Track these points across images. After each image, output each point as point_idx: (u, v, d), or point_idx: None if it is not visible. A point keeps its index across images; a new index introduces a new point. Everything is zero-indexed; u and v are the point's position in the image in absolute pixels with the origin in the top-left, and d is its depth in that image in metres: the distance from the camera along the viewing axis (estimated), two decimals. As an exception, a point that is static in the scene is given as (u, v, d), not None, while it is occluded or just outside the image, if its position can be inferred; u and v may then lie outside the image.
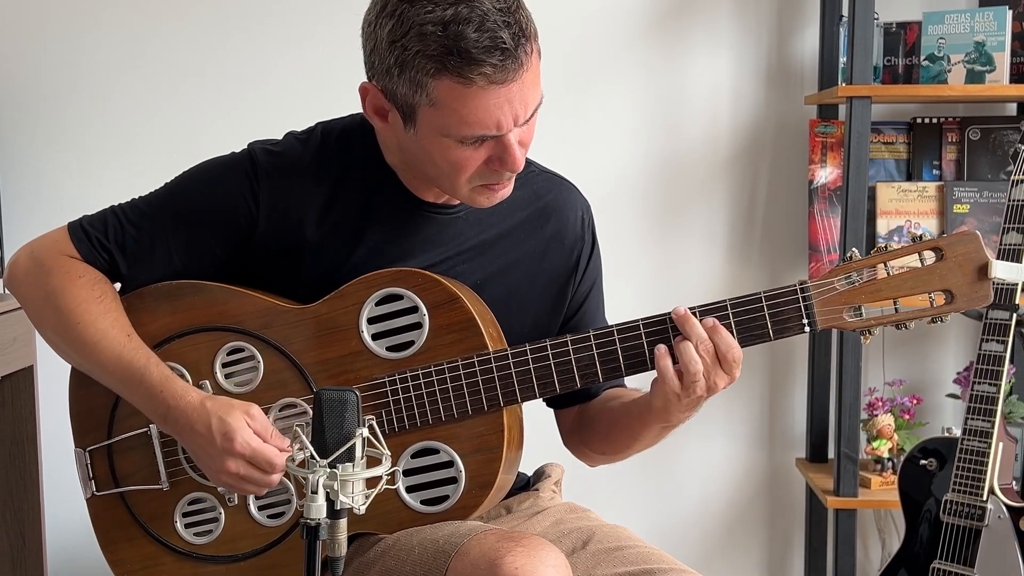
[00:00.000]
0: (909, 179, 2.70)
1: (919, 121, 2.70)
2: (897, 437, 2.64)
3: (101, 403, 1.65)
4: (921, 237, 1.47)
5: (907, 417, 2.68)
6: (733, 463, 2.87)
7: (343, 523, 1.15)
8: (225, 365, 1.61)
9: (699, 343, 1.46)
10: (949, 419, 2.80)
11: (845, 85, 2.50)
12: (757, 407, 2.86)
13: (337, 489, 1.14)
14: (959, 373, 2.69)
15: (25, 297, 1.65)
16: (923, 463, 2.30)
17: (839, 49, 2.66)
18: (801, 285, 1.48)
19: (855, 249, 1.50)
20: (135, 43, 2.75)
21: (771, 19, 2.78)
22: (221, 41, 2.75)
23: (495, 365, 1.52)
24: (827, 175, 2.67)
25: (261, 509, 1.61)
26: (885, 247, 1.47)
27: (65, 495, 2.68)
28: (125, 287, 1.65)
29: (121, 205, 1.64)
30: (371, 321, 1.56)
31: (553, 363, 1.52)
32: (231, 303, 1.60)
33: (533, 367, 1.52)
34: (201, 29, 2.75)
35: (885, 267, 1.46)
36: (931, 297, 1.47)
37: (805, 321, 1.47)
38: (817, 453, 2.77)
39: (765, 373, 2.85)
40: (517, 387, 1.52)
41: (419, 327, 1.54)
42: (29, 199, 2.75)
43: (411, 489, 1.55)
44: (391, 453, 1.50)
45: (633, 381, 1.65)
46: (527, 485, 1.78)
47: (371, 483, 1.17)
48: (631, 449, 1.64)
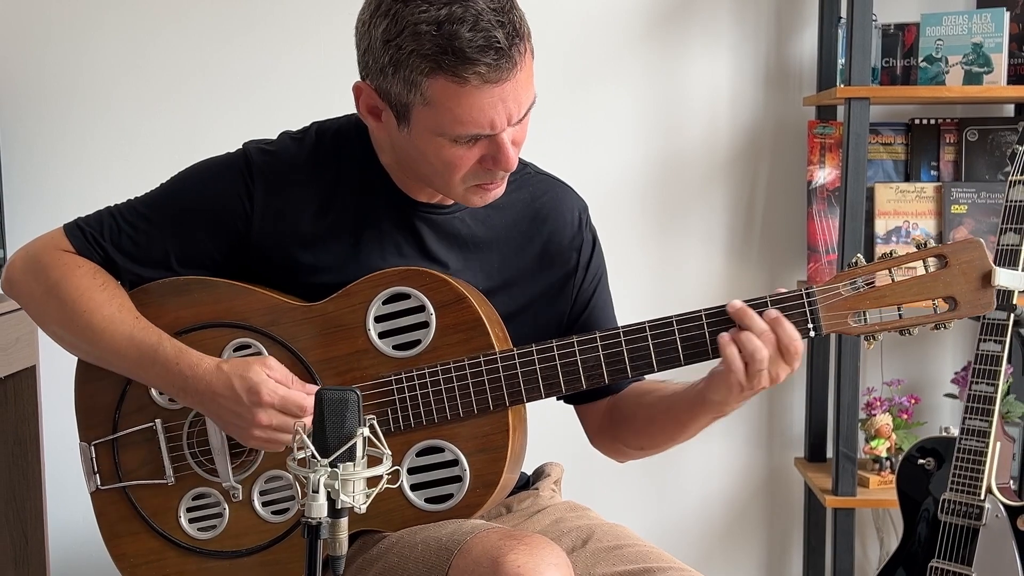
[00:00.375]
0: (907, 180, 2.70)
1: (917, 122, 2.70)
2: (895, 437, 2.64)
3: (106, 398, 1.66)
4: (925, 244, 1.47)
5: (905, 417, 2.68)
6: (732, 462, 2.87)
7: (344, 522, 1.15)
8: None
9: (761, 334, 1.45)
10: (947, 419, 2.81)
11: (843, 86, 2.50)
12: (756, 407, 2.86)
13: (338, 488, 1.13)
14: (957, 373, 2.70)
15: (25, 295, 1.64)
16: (921, 462, 2.30)
17: (837, 50, 2.66)
18: (807, 290, 1.47)
19: (859, 255, 1.51)
20: (136, 44, 2.75)
21: (770, 20, 2.78)
22: (221, 42, 2.75)
23: (501, 365, 1.52)
24: (825, 176, 2.68)
25: (265, 505, 1.61)
26: (890, 254, 1.48)
27: (68, 495, 2.69)
28: (124, 286, 1.64)
29: (117, 205, 1.64)
30: (378, 320, 1.56)
31: (559, 363, 1.53)
32: (238, 300, 1.60)
33: (539, 367, 1.53)
34: (202, 31, 2.75)
35: (889, 273, 1.47)
36: (934, 304, 1.47)
37: (810, 326, 1.47)
38: (816, 452, 2.78)
39: (764, 373, 2.85)
40: (523, 387, 1.53)
41: (426, 326, 1.55)
42: (31, 200, 2.75)
43: (415, 487, 1.56)
44: (396, 451, 1.51)
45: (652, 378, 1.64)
46: (527, 484, 1.78)
47: (372, 482, 1.16)
48: (675, 441, 1.63)
